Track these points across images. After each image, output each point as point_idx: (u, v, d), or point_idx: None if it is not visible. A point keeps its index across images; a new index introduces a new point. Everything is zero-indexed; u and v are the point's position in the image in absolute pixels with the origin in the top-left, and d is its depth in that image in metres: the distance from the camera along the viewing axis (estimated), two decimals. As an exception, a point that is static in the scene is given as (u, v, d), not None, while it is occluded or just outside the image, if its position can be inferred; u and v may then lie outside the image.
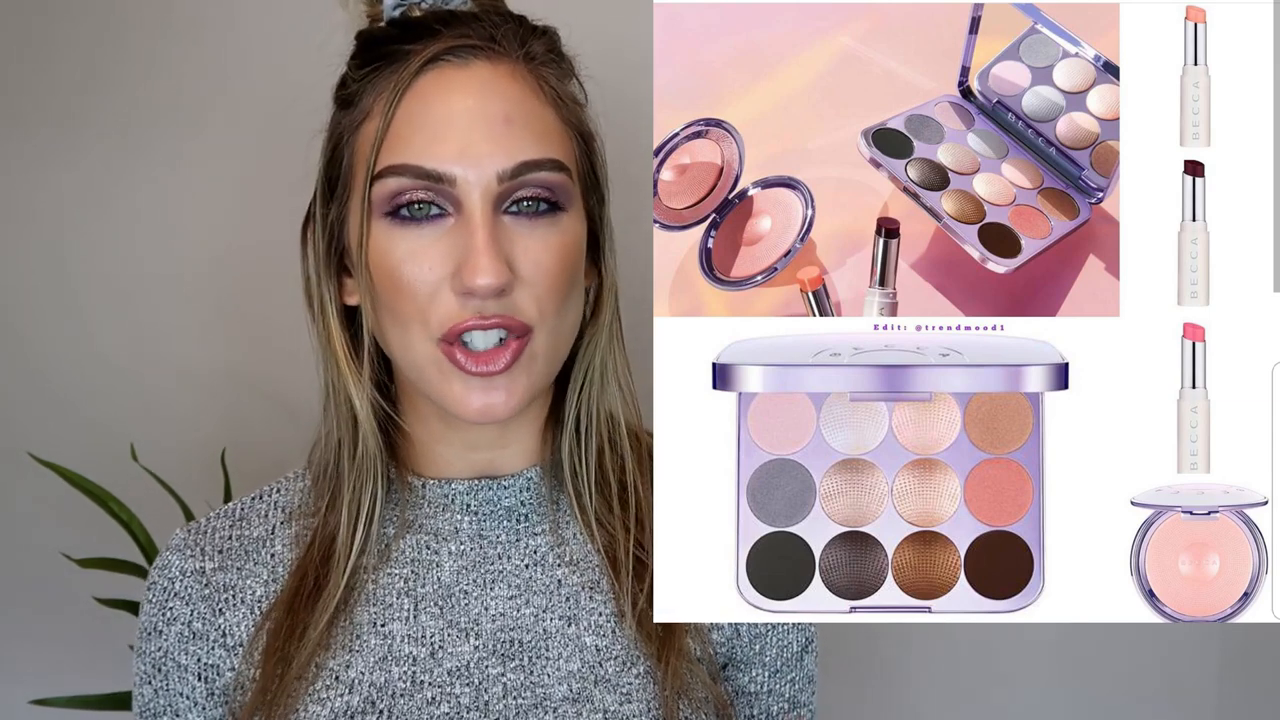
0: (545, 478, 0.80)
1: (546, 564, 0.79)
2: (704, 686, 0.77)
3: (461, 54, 0.73)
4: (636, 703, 0.76)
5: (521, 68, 0.75)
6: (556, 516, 0.80)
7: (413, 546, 0.79)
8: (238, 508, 0.81)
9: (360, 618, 0.77)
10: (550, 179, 0.73)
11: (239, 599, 0.78)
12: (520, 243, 0.72)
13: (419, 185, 0.72)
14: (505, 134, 0.72)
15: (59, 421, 1.43)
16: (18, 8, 1.41)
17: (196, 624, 0.78)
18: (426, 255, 0.72)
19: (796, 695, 0.84)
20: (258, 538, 0.80)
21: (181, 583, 0.78)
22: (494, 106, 0.72)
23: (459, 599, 0.77)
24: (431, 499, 0.79)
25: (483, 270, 0.70)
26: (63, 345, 1.44)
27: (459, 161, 0.71)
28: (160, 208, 1.43)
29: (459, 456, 0.80)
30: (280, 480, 0.82)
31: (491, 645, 0.76)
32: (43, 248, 1.43)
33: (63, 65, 1.42)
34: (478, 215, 0.71)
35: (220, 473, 1.30)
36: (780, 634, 0.82)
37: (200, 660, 0.78)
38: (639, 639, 0.77)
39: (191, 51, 1.42)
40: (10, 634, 1.44)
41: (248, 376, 1.43)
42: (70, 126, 1.42)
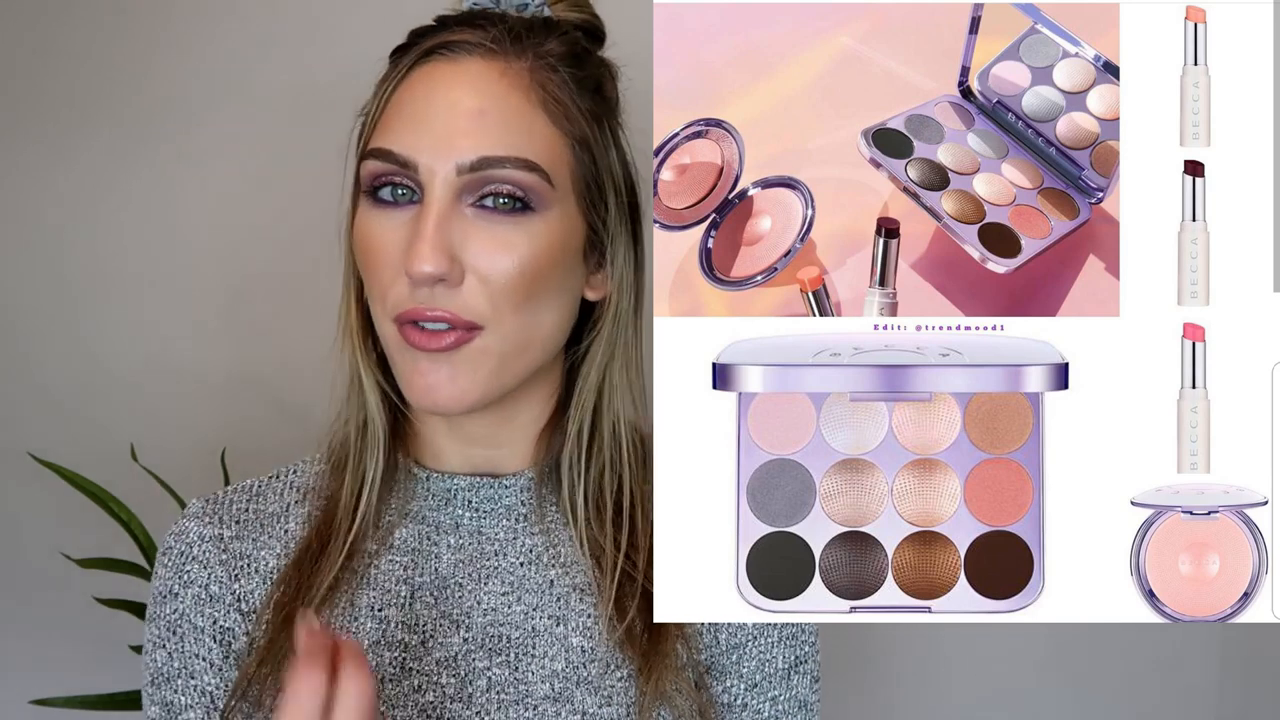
0: (541, 481, 0.81)
1: (540, 564, 0.79)
2: (688, 694, 0.77)
3: (455, 50, 0.74)
4: (616, 706, 0.76)
5: (519, 67, 0.75)
6: (551, 518, 0.80)
7: (414, 536, 0.80)
8: (254, 484, 0.82)
9: (361, 600, 0.78)
10: (518, 178, 0.73)
11: (254, 568, 0.79)
12: (476, 238, 0.73)
13: (390, 169, 0.73)
14: (474, 127, 0.72)
15: (59, 421, 1.43)
16: (21, 7, 1.41)
17: (214, 587, 0.79)
18: (390, 237, 0.73)
19: (778, 718, 0.80)
20: (273, 513, 0.81)
21: (200, 547, 0.79)
22: (470, 100, 0.73)
23: (454, 591, 0.78)
24: (435, 491, 0.80)
25: (420, 257, 0.71)
26: (63, 346, 1.44)
27: (426, 150, 0.72)
28: (160, 209, 1.43)
29: (457, 452, 0.80)
30: (298, 463, 0.84)
31: (480, 639, 0.77)
32: (43, 248, 1.44)
33: (63, 66, 1.42)
34: (433, 204, 0.72)
35: (220, 473, 1.30)
36: (762, 646, 0.80)
37: (216, 622, 0.78)
38: (625, 645, 0.77)
39: (191, 51, 1.42)
40: (10, 634, 1.44)
41: (248, 377, 1.43)
42: (70, 127, 1.42)
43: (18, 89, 1.42)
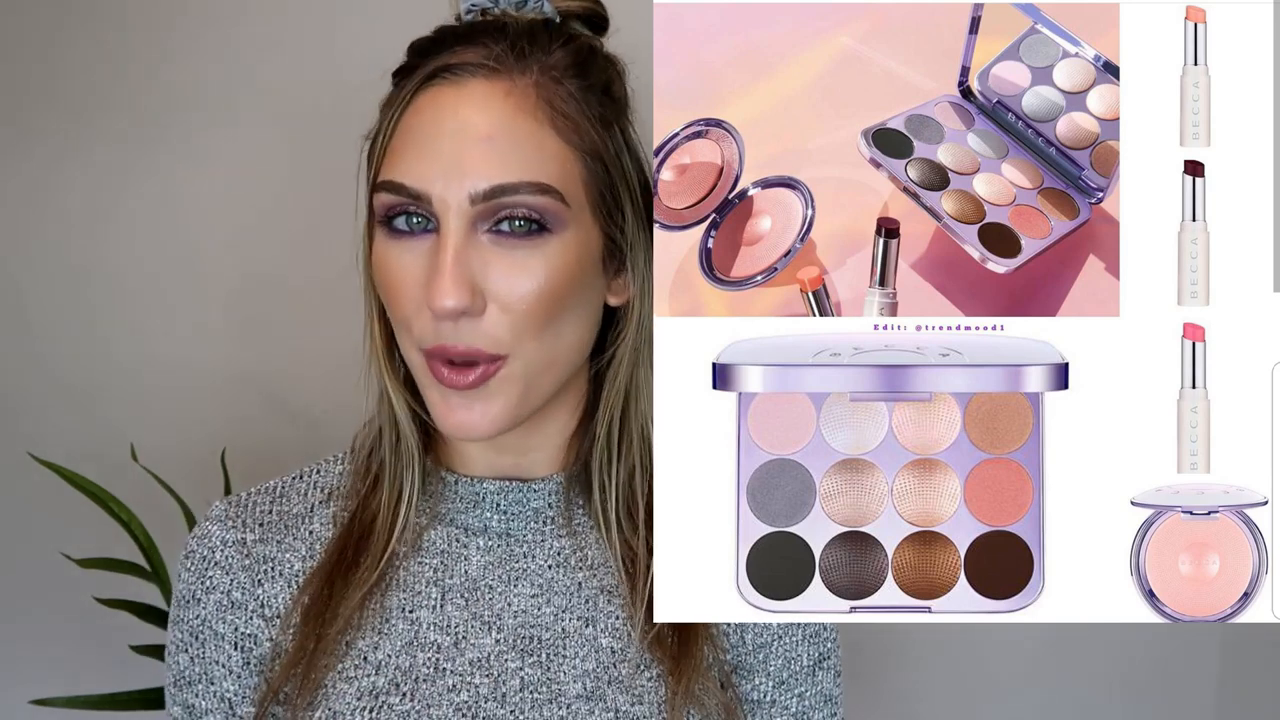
0: (570, 485, 0.81)
1: (568, 566, 0.80)
2: (714, 694, 0.78)
3: (458, 72, 0.73)
4: (648, 704, 0.77)
5: (524, 84, 0.74)
6: (578, 521, 0.81)
7: (443, 538, 0.80)
8: (278, 485, 0.83)
9: (391, 602, 0.79)
10: (532, 202, 0.72)
11: (278, 571, 0.79)
12: (496, 265, 0.72)
13: (404, 202, 0.73)
14: (483, 155, 0.72)
15: (59, 422, 1.43)
16: (30, 7, 1.42)
17: (236, 593, 0.79)
18: (410, 269, 0.73)
19: (806, 713, 0.83)
20: (297, 514, 0.81)
21: (222, 552, 0.79)
22: (478, 126, 0.72)
23: (484, 593, 0.79)
24: (464, 495, 0.81)
25: (442, 292, 0.70)
26: (63, 345, 1.44)
27: (437, 181, 0.72)
28: (163, 210, 1.43)
29: (483, 457, 0.81)
30: (321, 462, 0.84)
31: (512, 640, 0.78)
32: (45, 248, 1.44)
33: (71, 65, 1.42)
34: (449, 236, 0.71)
35: (220, 473, 1.30)
36: (787, 645, 0.82)
37: (238, 630, 0.79)
38: (655, 647, 0.78)
39: (199, 52, 1.42)
40: (10, 634, 1.44)
41: (248, 376, 1.43)
42: (76, 128, 1.42)
43: (26, 91, 1.42)
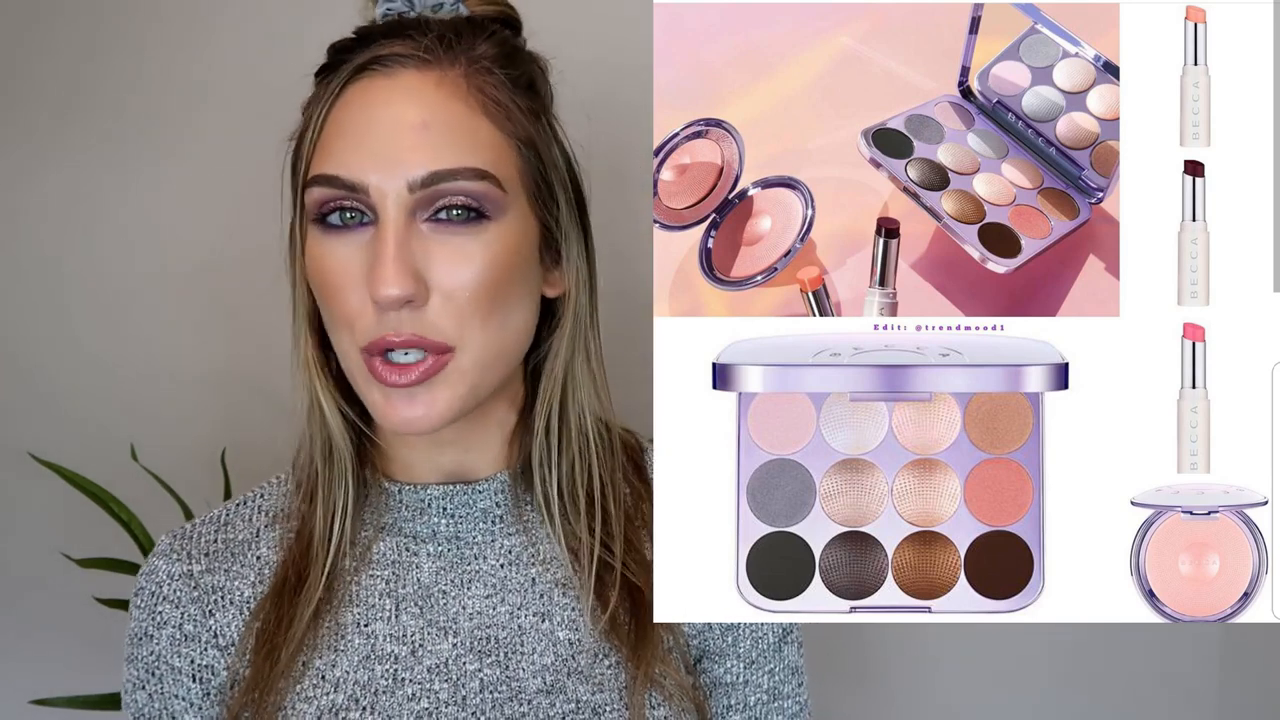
0: (516, 482, 0.81)
1: (520, 563, 0.80)
2: (675, 677, 0.78)
3: (388, 63, 0.73)
4: (608, 692, 0.77)
5: (454, 74, 0.74)
6: (528, 517, 0.81)
7: (392, 549, 0.80)
8: (222, 514, 0.82)
9: (345, 618, 0.78)
10: (470, 188, 0.72)
11: (228, 600, 0.79)
12: (437, 254, 0.72)
13: (339, 195, 0.72)
14: (419, 142, 0.71)
15: (59, 421, 1.43)
16: (9, 8, 1.41)
17: (188, 626, 0.78)
18: (349, 264, 0.72)
19: (777, 687, 0.84)
20: (243, 540, 0.80)
21: (170, 586, 0.79)
22: (411, 114, 0.72)
23: (438, 599, 0.79)
24: (408, 503, 0.80)
25: (385, 281, 0.70)
26: (63, 346, 1.44)
27: (373, 170, 0.71)
28: (159, 207, 1.43)
29: (426, 460, 0.80)
30: (263, 485, 0.83)
31: (469, 643, 0.78)
32: (42, 248, 1.43)
33: (50, 68, 1.42)
34: (389, 225, 0.71)
35: (220, 473, 1.30)
36: (752, 625, 0.83)
37: (194, 662, 0.78)
38: (610, 635, 0.78)
39: (179, 53, 1.42)
40: (10, 634, 1.44)
41: (247, 376, 1.43)
42: (63, 128, 1.42)
43: (5, 93, 1.42)
